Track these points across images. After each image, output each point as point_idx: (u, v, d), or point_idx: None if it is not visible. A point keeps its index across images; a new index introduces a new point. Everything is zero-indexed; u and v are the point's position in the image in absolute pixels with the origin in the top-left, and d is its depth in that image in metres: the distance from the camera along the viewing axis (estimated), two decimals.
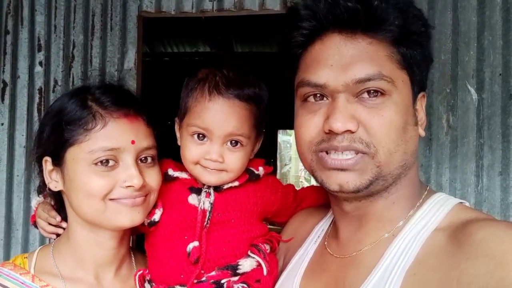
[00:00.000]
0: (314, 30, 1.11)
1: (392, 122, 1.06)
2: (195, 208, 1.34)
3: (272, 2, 2.80)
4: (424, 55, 1.13)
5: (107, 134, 1.24)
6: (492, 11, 2.58)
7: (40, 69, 2.99)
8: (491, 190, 2.56)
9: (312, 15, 1.10)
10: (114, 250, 1.36)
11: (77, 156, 1.25)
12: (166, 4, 2.89)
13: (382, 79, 1.05)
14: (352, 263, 1.14)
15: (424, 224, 1.09)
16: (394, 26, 1.06)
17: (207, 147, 1.34)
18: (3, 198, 2.97)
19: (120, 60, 2.94)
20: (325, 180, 1.11)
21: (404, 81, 1.09)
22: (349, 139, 1.06)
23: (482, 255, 0.91)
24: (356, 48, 1.07)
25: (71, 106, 1.28)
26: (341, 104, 1.06)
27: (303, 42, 1.14)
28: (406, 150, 1.09)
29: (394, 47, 1.08)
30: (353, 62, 1.06)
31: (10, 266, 1.31)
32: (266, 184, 1.44)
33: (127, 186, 1.24)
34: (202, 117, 1.32)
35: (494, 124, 2.55)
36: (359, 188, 1.07)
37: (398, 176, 1.10)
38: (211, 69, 1.38)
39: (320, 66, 1.09)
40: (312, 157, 1.13)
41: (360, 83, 1.05)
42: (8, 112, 2.99)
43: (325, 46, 1.10)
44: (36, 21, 3.00)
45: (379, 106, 1.06)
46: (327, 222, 1.35)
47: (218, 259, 1.32)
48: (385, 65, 1.07)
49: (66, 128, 1.25)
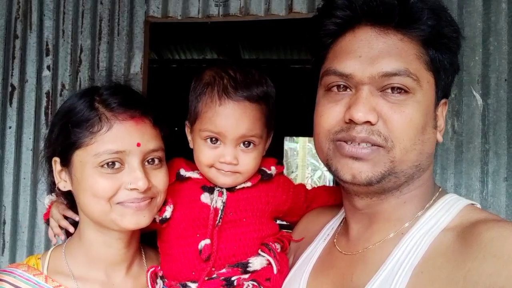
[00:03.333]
0: (347, 20, 1.12)
1: (412, 120, 1.07)
2: (208, 207, 1.35)
3: (277, 8, 2.81)
4: (452, 61, 1.14)
5: (112, 136, 1.24)
6: (497, 16, 2.58)
7: (48, 73, 3.02)
8: (496, 196, 2.55)
9: (347, 4, 1.11)
10: (124, 249, 1.36)
11: (83, 158, 1.26)
12: (173, 9, 2.92)
13: (408, 76, 1.06)
14: (360, 260, 1.14)
15: (433, 223, 1.09)
16: (427, 26, 1.08)
17: (221, 150, 1.35)
18: (9, 201, 2.98)
19: (126, 64, 2.96)
20: (339, 169, 1.11)
21: (429, 82, 1.10)
22: (367, 130, 1.06)
23: (490, 255, 0.92)
24: (387, 43, 1.08)
25: (79, 107, 1.28)
26: (365, 95, 1.07)
27: (335, 32, 1.15)
28: (422, 151, 1.09)
29: (424, 47, 1.09)
30: (382, 56, 1.07)
31: (24, 268, 1.32)
32: (278, 183, 1.45)
33: (132, 188, 1.25)
34: (214, 122, 1.33)
35: (499, 129, 2.54)
36: (371, 179, 1.08)
37: (411, 176, 1.11)
38: (216, 71, 1.38)
39: (348, 56, 1.10)
40: (329, 146, 1.13)
41: (386, 76, 1.06)
42: (16, 116, 3.00)
43: (356, 38, 1.11)
44: (44, 26, 3.03)
45: (401, 103, 1.07)
46: (337, 221, 1.35)
47: (229, 257, 1.33)
48: (413, 63, 1.07)
49: (72, 130, 1.26)
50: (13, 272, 1.30)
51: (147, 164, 1.30)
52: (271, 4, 2.81)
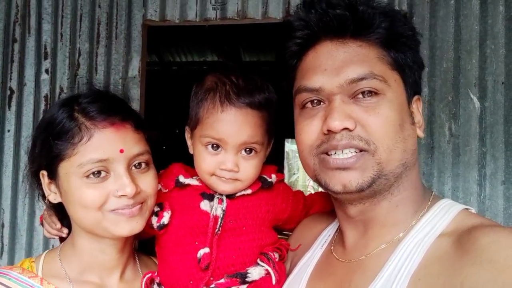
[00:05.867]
0: (307, 39, 1.17)
1: (388, 120, 1.09)
2: (207, 214, 1.34)
3: (274, 11, 2.82)
4: (415, 58, 1.18)
5: (94, 146, 1.23)
6: (494, 19, 2.58)
7: (46, 76, 3.03)
8: (493, 199, 2.55)
9: (304, 24, 1.16)
10: (117, 254, 1.36)
11: (68, 170, 1.25)
12: (170, 13, 2.93)
13: (374, 78, 1.10)
14: (358, 268, 1.15)
15: (429, 229, 1.10)
16: (381, 29, 1.12)
17: (222, 157, 1.34)
18: (8, 204, 3.00)
19: (124, 68, 2.97)
20: (328, 181, 1.13)
21: (396, 81, 1.13)
22: (348, 137, 1.09)
23: (486, 261, 0.92)
24: (347, 52, 1.13)
25: (59, 118, 1.27)
26: (337, 104, 1.10)
27: (298, 52, 1.20)
28: (405, 148, 1.11)
29: (384, 49, 1.14)
30: (346, 65, 1.11)
31: (18, 270, 1.32)
32: (278, 191, 1.45)
33: (120, 195, 1.24)
34: (215, 128, 1.32)
35: (496, 132, 2.55)
36: (362, 186, 1.09)
37: (399, 175, 1.12)
38: (218, 76, 1.37)
39: (315, 71, 1.14)
40: (315, 161, 1.15)
41: (353, 83, 1.10)
42: (14, 119, 3.02)
43: (318, 54, 1.16)
44: (43, 30, 3.04)
45: (374, 105, 1.10)
46: (333, 228, 1.36)
47: (227, 267, 1.32)
48: (376, 65, 1.11)
49: (54, 143, 1.25)
50: (8, 274, 1.30)
51: (134, 169, 1.29)
52: (268, 7, 2.83)
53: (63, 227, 1.44)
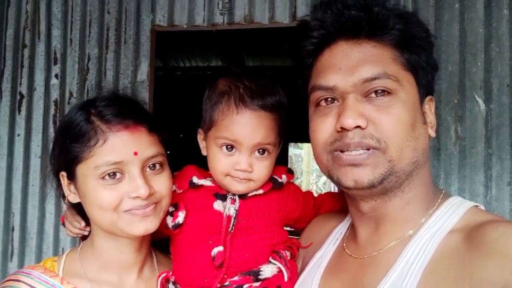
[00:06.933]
0: (323, 39, 1.21)
1: (400, 119, 1.12)
2: (220, 214, 1.37)
3: (281, 16, 2.85)
4: (428, 60, 1.20)
5: (109, 149, 1.27)
6: (499, 22, 2.60)
7: (56, 81, 3.06)
8: (500, 201, 2.56)
9: (320, 24, 1.20)
10: (134, 253, 1.40)
11: (85, 172, 1.29)
12: (178, 18, 2.95)
13: (387, 77, 1.12)
14: (370, 263, 1.18)
15: (440, 226, 1.13)
16: (396, 30, 1.16)
17: (236, 157, 1.37)
18: (18, 207, 3.02)
19: (133, 72, 2.99)
20: (340, 177, 1.16)
21: (409, 81, 1.16)
22: (360, 135, 1.11)
23: (495, 252, 0.95)
24: (362, 52, 1.16)
25: (76, 121, 1.31)
26: (351, 102, 1.13)
27: (314, 51, 1.23)
28: (416, 147, 1.14)
29: (398, 51, 1.16)
30: (360, 64, 1.14)
31: (41, 269, 1.36)
32: (288, 192, 1.48)
33: (134, 197, 1.27)
34: (230, 130, 1.35)
35: (502, 134, 2.56)
36: (373, 182, 1.12)
37: (410, 173, 1.15)
38: (231, 80, 1.41)
39: (329, 70, 1.18)
40: (328, 157, 1.19)
41: (367, 82, 1.13)
42: (24, 123, 3.05)
43: (333, 53, 1.19)
44: (52, 35, 3.07)
45: (387, 104, 1.12)
46: (345, 225, 1.39)
47: (241, 265, 1.35)
48: (390, 66, 1.14)
49: (71, 146, 1.29)
50: (30, 274, 1.34)
51: (148, 170, 1.32)
52: (275, 12, 2.85)
53: (86, 226, 1.47)
